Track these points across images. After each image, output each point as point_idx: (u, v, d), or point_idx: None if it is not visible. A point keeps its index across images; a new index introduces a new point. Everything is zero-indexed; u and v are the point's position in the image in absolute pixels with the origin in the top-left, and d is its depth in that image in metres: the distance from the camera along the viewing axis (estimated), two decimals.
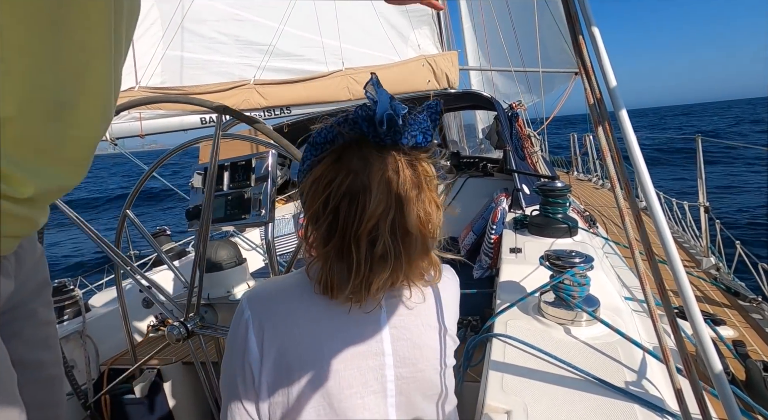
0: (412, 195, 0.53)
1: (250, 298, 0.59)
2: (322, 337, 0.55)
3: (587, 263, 1.06)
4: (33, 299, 0.71)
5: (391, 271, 0.53)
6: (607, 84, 0.39)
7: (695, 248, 3.17)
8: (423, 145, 0.53)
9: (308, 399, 0.54)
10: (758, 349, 1.65)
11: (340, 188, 0.52)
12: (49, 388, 0.75)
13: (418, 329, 0.58)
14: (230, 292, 1.42)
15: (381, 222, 0.51)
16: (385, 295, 0.57)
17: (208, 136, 1.61)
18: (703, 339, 0.37)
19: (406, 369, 0.56)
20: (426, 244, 0.56)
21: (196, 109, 3.03)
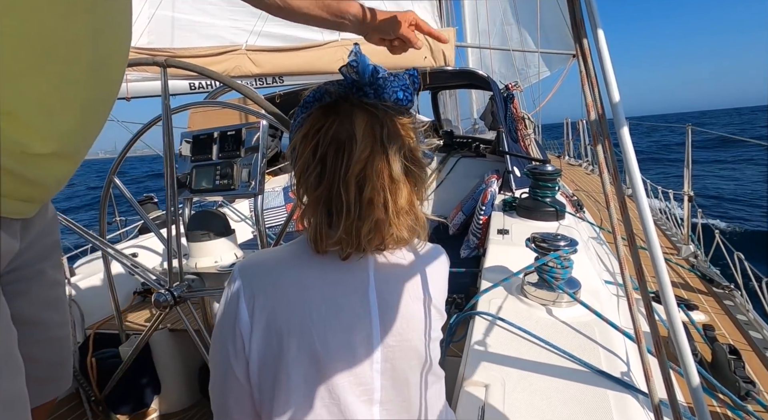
0: (396, 146, 0.55)
1: (242, 266, 0.60)
2: (312, 304, 0.57)
3: (571, 247, 1.08)
4: (41, 260, 0.72)
5: (378, 220, 0.55)
6: (604, 71, 0.39)
7: (677, 236, 3.26)
8: (404, 103, 0.56)
9: (297, 365, 0.56)
10: (726, 333, 1.73)
11: (327, 134, 0.55)
12: (57, 348, 0.78)
13: (406, 301, 0.59)
14: (218, 262, 1.43)
15: (368, 167, 0.54)
16: (374, 267, 0.59)
17: (197, 103, 1.57)
18: (675, 323, 0.39)
19: (392, 338, 0.58)
20: (411, 197, 0.58)
21: (177, 72, 2.93)
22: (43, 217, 0.71)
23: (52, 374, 0.78)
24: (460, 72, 3.27)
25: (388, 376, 0.58)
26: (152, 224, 1.45)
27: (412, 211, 0.58)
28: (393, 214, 0.56)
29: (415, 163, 0.58)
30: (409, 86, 0.57)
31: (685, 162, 3.03)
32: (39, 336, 0.72)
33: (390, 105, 0.56)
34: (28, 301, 0.70)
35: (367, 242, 0.56)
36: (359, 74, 0.54)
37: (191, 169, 1.46)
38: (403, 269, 0.61)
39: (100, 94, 0.60)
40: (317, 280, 0.58)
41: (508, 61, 6.33)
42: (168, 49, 3.05)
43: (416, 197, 0.59)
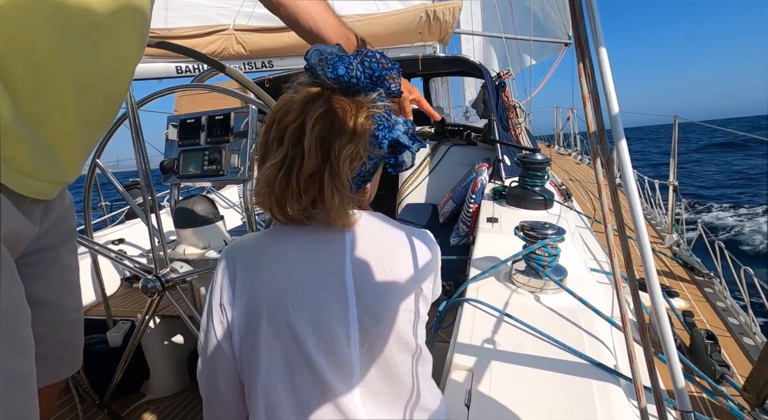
0: (319, 118, 0.57)
1: (227, 247, 0.64)
2: (290, 282, 0.58)
3: (559, 235, 1.10)
4: (59, 245, 0.75)
5: (318, 166, 0.57)
6: (600, 62, 0.39)
7: (661, 225, 3.33)
8: (344, 79, 0.57)
9: (277, 341, 0.57)
10: (704, 319, 1.79)
11: (280, 106, 0.60)
12: (70, 330, 0.82)
13: (383, 282, 0.60)
14: (206, 248, 1.41)
15: (292, 133, 0.58)
16: (351, 247, 0.60)
17: (184, 86, 1.52)
18: (659, 310, 0.40)
19: (370, 319, 0.58)
20: (324, 167, 0.58)
21: (161, 53, 2.85)
22: (62, 203, 0.74)
23: (65, 355, 0.82)
24: (452, 59, 3.24)
25: (368, 359, 0.59)
26: (139, 209, 1.43)
27: (333, 183, 0.58)
28: (334, 162, 0.57)
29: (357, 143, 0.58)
30: (352, 64, 0.57)
31: (671, 152, 3.08)
32: (53, 318, 0.76)
33: (341, 87, 0.58)
34: (44, 283, 0.73)
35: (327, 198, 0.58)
36: (307, 60, 0.59)
37: (179, 154, 1.43)
38: (381, 250, 0.62)
39: (100, 68, 0.60)
40: (296, 259, 0.60)
41: (500, 49, 6.29)
42: (152, 29, 2.96)
43: (339, 170, 0.58)
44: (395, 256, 0.62)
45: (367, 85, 0.59)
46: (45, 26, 0.49)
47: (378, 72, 0.58)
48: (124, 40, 0.63)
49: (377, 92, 0.60)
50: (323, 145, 0.57)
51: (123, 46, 0.63)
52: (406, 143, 0.63)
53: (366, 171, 0.61)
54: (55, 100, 0.53)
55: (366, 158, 0.59)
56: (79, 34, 0.54)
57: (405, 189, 3.00)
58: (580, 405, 0.71)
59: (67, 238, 0.78)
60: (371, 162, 0.61)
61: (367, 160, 0.60)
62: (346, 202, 0.59)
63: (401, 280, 0.61)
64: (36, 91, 0.51)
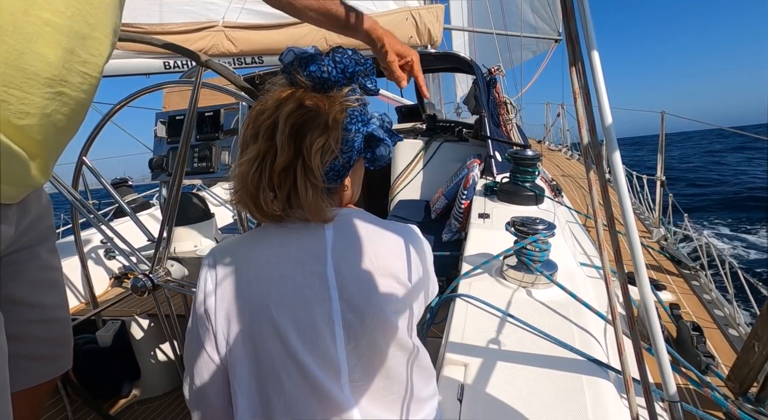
0: (292, 112, 0.58)
1: (209, 253, 0.64)
2: (272, 281, 0.58)
3: (549, 230, 1.11)
4: (37, 244, 0.75)
5: (290, 160, 0.58)
6: (590, 56, 0.39)
7: (649, 219, 3.38)
8: (316, 75, 0.59)
9: (262, 341, 0.57)
10: (690, 311, 1.83)
11: (257, 107, 0.61)
12: (56, 328, 0.81)
13: (365, 276, 0.59)
14: (197, 247, 1.40)
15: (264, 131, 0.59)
16: (332, 243, 0.60)
17: (172, 82, 1.50)
18: (648, 304, 0.41)
19: (353, 315, 0.58)
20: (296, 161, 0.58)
21: (148, 49, 2.80)
22: (39, 203, 0.73)
23: (52, 354, 0.81)
24: (443, 55, 3.24)
25: (355, 356, 0.58)
26: (127, 208, 1.41)
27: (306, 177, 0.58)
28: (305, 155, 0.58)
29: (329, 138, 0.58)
30: (324, 61, 0.59)
31: (659, 147, 3.12)
32: (35, 317, 0.75)
33: (314, 85, 0.60)
34: (22, 282, 0.72)
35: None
36: (281, 60, 0.61)
37: (168, 151, 1.42)
38: (363, 246, 0.61)
39: (72, 74, 0.59)
40: (277, 258, 0.60)
41: (492, 44, 6.29)
42: (139, 24, 2.90)
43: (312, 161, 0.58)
44: (377, 251, 0.61)
45: (339, 81, 0.60)
46: (13, 32, 0.48)
47: (351, 68, 0.60)
48: (97, 44, 0.62)
49: (350, 87, 0.61)
50: (296, 140, 0.57)
51: (96, 51, 0.62)
52: (381, 136, 0.64)
53: (340, 165, 0.61)
54: (27, 108, 0.52)
55: (339, 152, 0.59)
56: (53, 41, 0.53)
57: (397, 185, 3.00)
58: (570, 397, 0.72)
59: (45, 237, 0.77)
60: (344, 156, 0.61)
61: (340, 154, 0.60)
62: (320, 196, 0.59)
63: (385, 276, 0.60)
64: (5, 96, 0.50)
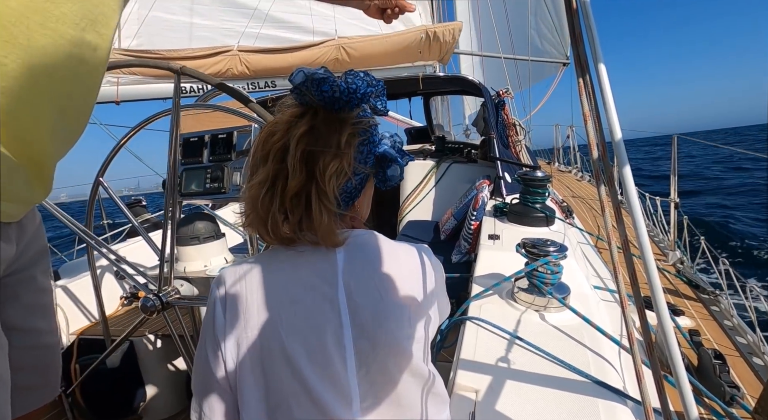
0: (304, 134, 0.58)
1: (218, 277, 0.63)
2: (282, 306, 0.57)
3: (561, 252, 1.09)
4: (32, 266, 0.72)
5: (303, 184, 0.57)
6: (600, 81, 0.39)
7: (663, 242, 3.31)
8: (328, 95, 0.58)
9: (272, 367, 0.56)
10: (711, 338, 1.76)
11: (267, 128, 0.61)
12: (45, 355, 0.77)
13: (376, 302, 0.58)
14: (207, 266, 1.40)
15: (277, 152, 0.58)
16: (343, 267, 0.59)
17: (189, 106, 1.55)
18: (667, 330, 0.40)
19: (365, 340, 0.57)
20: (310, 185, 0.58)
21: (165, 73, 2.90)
22: (34, 222, 0.71)
23: (40, 382, 0.77)
24: (452, 78, 3.30)
25: (366, 381, 0.57)
26: (140, 228, 1.43)
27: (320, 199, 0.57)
28: (319, 180, 0.57)
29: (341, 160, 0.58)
30: (334, 82, 0.59)
31: (671, 170, 3.09)
32: (27, 343, 0.71)
33: (324, 105, 0.59)
34: (18, 307, 0.69)
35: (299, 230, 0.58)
36: (291, 81, 0.60)
37: (181, 172, 1.44)
38: (375, 269, 0.60)
39: (79, 87, 0.58)
40: (287, 283, 0.59)
41: (500, 68, 6.39)
42: (159, 51, 3.02)
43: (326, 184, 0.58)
44: (389, 274, 0.60)
45: (351, 101, 0.59)
46: (28, 46, 0.47)
47: (362, 89, 0.59)
48: (102, 56, 0.61)
49: (362, 108, 0.60)
50: (308, 163, 0.57)
51: (100, 63, 0.61)
52: (393, 156, 0.63)
53: (353, 187, 0.61)
54: (34, 122, 0.51)
55: (351, 174, 0.59)
56: (63, 55, 0.52)
57: (406, 206, 3.01)
58: None
59: (40, 258, 0.75)
60: (357, 178, 0.61)
61: (353, 175, 0.59)
62: (334, 220, 0.59)
63: (397, 300, 0.59)
64: (15, 113, 0.48)
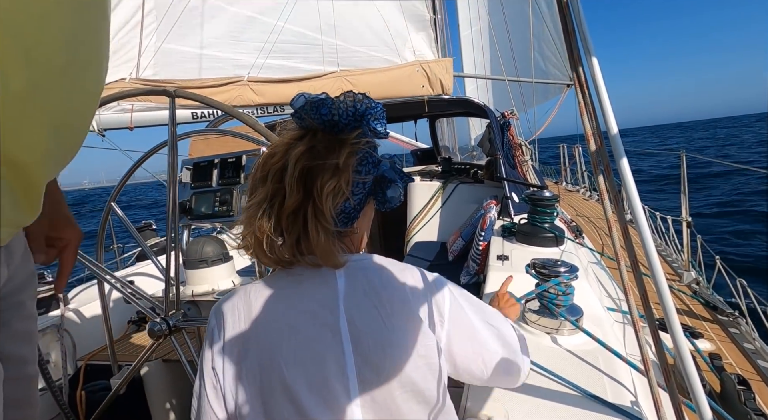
0: (305, 152, 0.58)
1: (216, 307, 0.62)
2: (282, 336, 0.56)
3: (572, 273, 1.07)
4: (21, 291, 0.68)
5: (300, 203, 0.57)
6: (600, 100, 0.40)
7: (677, 262, 3.24)
8: (327, 117, 0.59)
9: (272, 400, 0.54)
10: (733, 362, 1.69)
11: (268, 151, 0.61)
12: (27, 387, 0.72)
13: (380, 327, 0.56)
14: (215, 289, 1.40)
15: (290, 161, 0.58)
16: (345, 294, 0.57)
17: (199, 131, 1.59)
18: (683, 352, 0.38)
19: (368, 368, 0.55)
20: (305, 203, 0.57)
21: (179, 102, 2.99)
22: (20, 245, 0.67)
23: (20, 416, 0.71)
24: (457, 101, 3.35)
25: (369, 410, 0.55)
26: (149, 251, 1.44)
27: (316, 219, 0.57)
28: (316, 197, 0.57)
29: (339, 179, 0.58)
30: (331, 105, 0.60)
31: (681, 188, 3.06)
32: (13, 373, 0.66)
33: (313, 122, 0.60)
34: (9, 334, 0.65)
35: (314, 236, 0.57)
36: (292, 105, 0.61)
37: (191, 196, 1.47)
38: (377, 294, 0.58)
39: (75, 104, 0.55)
40: (286, 311, 0.57)
41: (505, 90, 6.48)
42: (173, 80, 3.14)
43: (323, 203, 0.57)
44: (392, 300, 0.58)
45: (350, 123, 0.60)
46: (20, 64, 0.44)
47: (361, 110, 0.59)
48: (97, 72, 0.58)
49: (360, 130, 0.61)
50: (305, 182, 0.57)
51: (96, 79, 0.58)
52: (392, 177, 0.63)
53: (351, 207, 0.60)
54: (29, 142, 0.48)
55: (350, 194, 0.59)
56: (57, 70, 0.49)
57: (413, 227, 3.00)
58: None
59: (28, 283, 0.70)
60: (355, 198, 0.60)
61: (351, 195, 0.59)
62: (331, 240, 0.58)
63: (403, 325, 0.57)
64: (12, 133, 0.45)
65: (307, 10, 3.51)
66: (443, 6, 4.33)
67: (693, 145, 33.75)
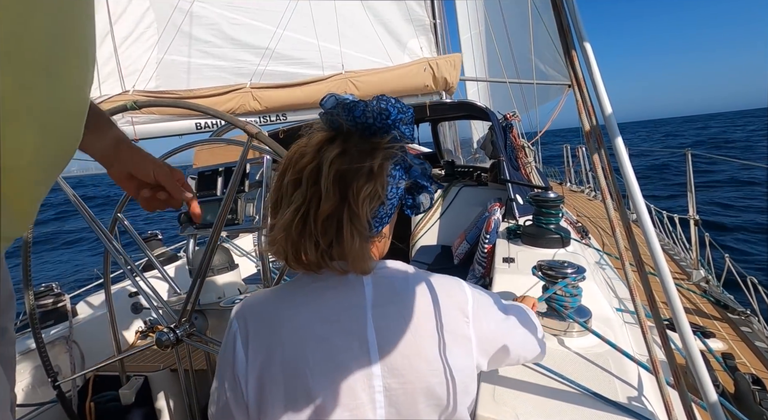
0: (355, 167, 0.56)
1: (238, 310, 0.61)
2: (307, 345, 0.55)
3: (579, 274, 1.06)
4: (2, 313, 0.64)
5: (336, 207, 0.55)
6: (599, 98, 0.40)
7: (685, 261, 3.20)
8: (360, 120, 0.57)
9: (294, 410, 0.53)
10: (747, 361, 1.67)
11: (294, 151, 0.60)
12: (3, 415, 0.69)
13: (407, 338, 0.56)
14: (221, 298, 1.41)
15: (324, 164, 0.56)
16: (372, 302, 0.57)
17: (202, 141, 1.60)
18: (692, 351, 0.38)
19: (394, 379, 0.54)
20: (365, 202, 0.56)
21: (183, 112, 3.01)
22: (0, 263, 0.62)
23: None
24: (458, 104, 3.35)
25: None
26: (156, 262, 1.45)
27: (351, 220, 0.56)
28: (352, 204, 0.55)
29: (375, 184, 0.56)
30: (365, 107, 0.58)
31: (687, 186, 3.03)
32: None
33: (349, 125, 0.59)
34: None
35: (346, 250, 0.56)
36: (323, 105, 0.60)
37: None
38: (404, 304, 0.58)
39: (61, 104, 0.52)
40: (312, 319, 0.56)
41: (506, 92, 6.48)
42: (176, 91, 3.17)
43: (372, 200, 0.56)
44: (420, 309, 0.58)
45: (382, 127, 0.58)
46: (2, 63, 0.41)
47: (393, 115, 0.58)
48: (82, 71, 0.54)
49: (392, 134, 0.59)
50: (341, 186, 0.55)
51: (82, 78, 0.54)
52: (425, 183, 0.63)
53: (385, 212, 0.59)
54: (15, 145, 0.45)
55: (385, 198, 0.57)
56: (40, 68, 0.46)
57: (418, 231, 2.99)
58: None
59: (8, 307, 0.65)
60: (389, 203, 0.59)
61: (386, 199, 0.58)
62: (365, 245, 0.57)
63: (428, 337, 0.56)
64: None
65: (305, 14, 3.54)
66: (443, 10, 4.35)
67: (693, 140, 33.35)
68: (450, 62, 3.15)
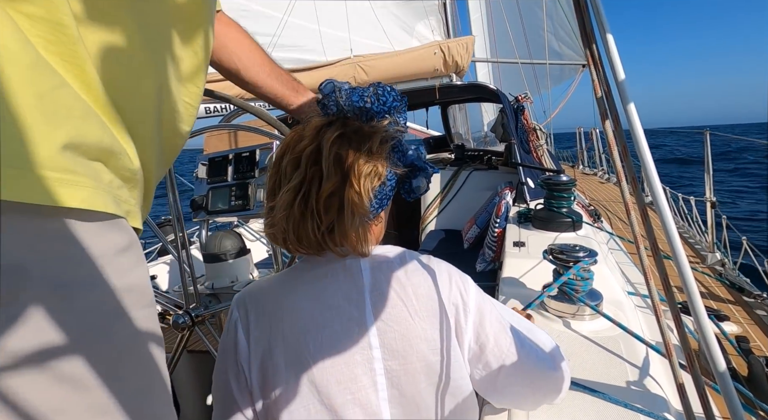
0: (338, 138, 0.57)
1: (238, 298, 0.61)
2: (308, 332, 0.56)
3: (591, 258, 1.05)
4: None
5: (337, 186, 0.55)
6: (615, 76, 0.38)
7: (701, 244, 3.15)
8: (358, 104, 0.59)
9: (298, 397, 0.54)
10: (762, 345, 1.65)
11: (292, 136, 0.61)
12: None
13: (406, 320, 0.57)
14: (234, 282, 1.43)
15: (308, 157, 0.57)
16: (370, 286, 0.57)
17: (213, 127, 1.60)
18: (707, 334, 0.37)
19: (395, 361, 0.55)
20: (359, 184, 0.56)
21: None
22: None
23: None
24: (468, 86, 3.29)
25: (397, 403, 0.55)
26: (170, 246, 1.47)
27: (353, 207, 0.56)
28: (351, 186, 0.56)
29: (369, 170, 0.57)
30: (367, 94, 0.60)
31: (705, 167, 2.96)
32: None
33: (347, 109, 0.60)
34: None
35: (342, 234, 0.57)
36: (321, 90, 0.62)
37: (207, 191, 1.49)
38: (402, 287, 0.58)
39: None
40: (313, 306, 0.57)
41: (517, 73, 6.33)
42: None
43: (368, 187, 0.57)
44: (417, 292, 0.58)
45: (380, 112, 0.60)
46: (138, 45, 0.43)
47: (389, 102, 0.60)
48: (199, 60, 0.58)
49: (389, 120, 0.61)
50: (342, 165, 0.55)
51: (198, 65, 0.58)
52: (421, 166, 0.63)
53: (384, 194, 0.60)
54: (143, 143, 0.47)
55: (385, 178, 0.58)
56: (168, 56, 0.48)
57: (427, 216, 2.99)
58: None
59: None
60: (390, 183, 0.60)
61: (386, 180, 0.59)
62: (365, 226, 0.58)
63: (426, 318, 0.57)
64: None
65: (312, 4, 3.47)
66: None
67: None
68: (462, 45, 3.08)
